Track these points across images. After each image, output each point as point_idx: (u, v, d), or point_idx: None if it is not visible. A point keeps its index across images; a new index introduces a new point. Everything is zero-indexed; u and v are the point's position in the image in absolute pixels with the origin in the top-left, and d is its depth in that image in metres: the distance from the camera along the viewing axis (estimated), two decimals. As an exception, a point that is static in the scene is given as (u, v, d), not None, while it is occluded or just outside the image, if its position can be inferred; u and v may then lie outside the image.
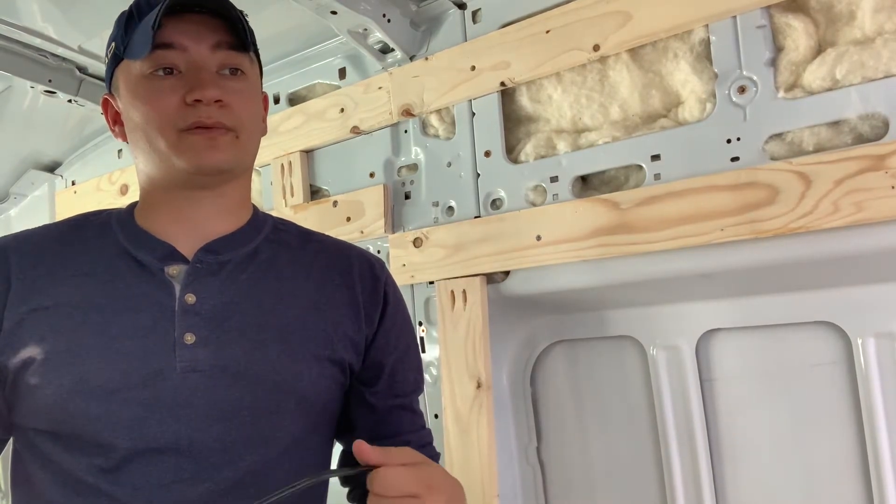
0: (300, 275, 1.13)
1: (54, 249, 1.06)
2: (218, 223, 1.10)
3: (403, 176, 1.85)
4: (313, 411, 1.10)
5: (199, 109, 1.00)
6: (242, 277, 1.08)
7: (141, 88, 1.02)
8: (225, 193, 1.10)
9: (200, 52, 1.03)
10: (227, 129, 1.02)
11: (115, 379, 0.97)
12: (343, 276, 1.17)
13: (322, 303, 1.13)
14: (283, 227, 1.20)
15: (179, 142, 1.01)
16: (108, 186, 2.53)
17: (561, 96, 1.62)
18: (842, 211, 1.24)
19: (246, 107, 1.06)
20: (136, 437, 0.97)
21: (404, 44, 1.80)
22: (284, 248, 1.15)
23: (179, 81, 1.01)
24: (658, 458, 1.63)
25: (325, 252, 1.19)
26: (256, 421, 1.04)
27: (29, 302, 1.00)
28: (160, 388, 0.98)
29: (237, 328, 1.04)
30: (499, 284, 1.68)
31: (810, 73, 1.32)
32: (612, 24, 1.50)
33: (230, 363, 1.02)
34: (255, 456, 1.03)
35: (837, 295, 1.41)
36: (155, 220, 1.08)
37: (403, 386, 1.21)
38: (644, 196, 1.45)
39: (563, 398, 1.78)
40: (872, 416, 1.38)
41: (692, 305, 1.57)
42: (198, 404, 0.99)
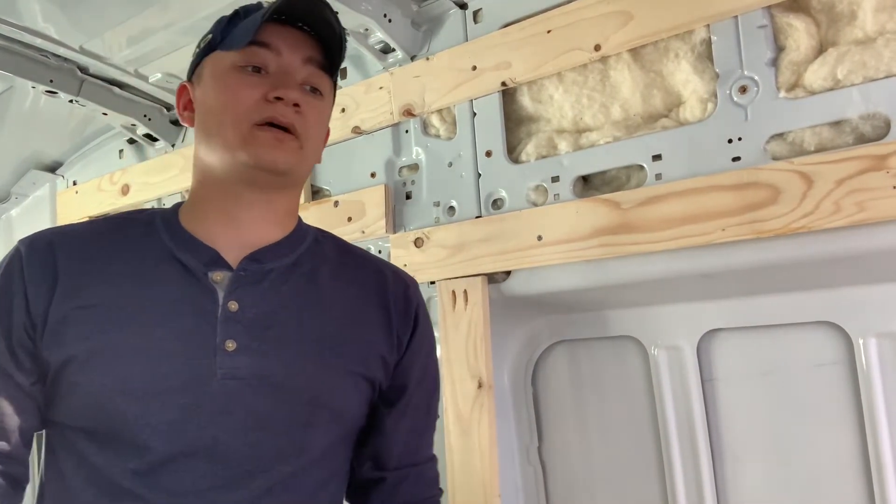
0: (338, 289, 1.14)
1: (100, 247, 1.06)
2: (264, 231, 1.10)
3: (404, 176, 1.85)
4: (344, 424, 1.13)
5: (277, 107, 1.03)
6: (284, 288, 1.09)
7: (228, 78, 1.05)
8: (274, 201, 1.11)
9: (292, 60, 1.06)
10: (295, 135, 1.04)
11: (155, 381, 0.98)
12: (379, 296, 1.18)
13: (358, 320, 1.14)
14: (324, 238, 1.21)
15: (249, 135, 1.02)
16: (110, 186, 2.53)
17: (562, 96, 1.62)
18: (843, 211, 1.24)
19: (317, 123, 1.10)
20: (172, 441, 0.98)
21: (405, 44, 1.80)
22: (324, 261, 1.16)
23: (265, 80, 1.04)
24: (659, 457, 1.63)
25: (362, 268, 1.21)
26: (291, 431, 1.05)
27: (74, 299, 1.00)
28: (199, 394, 0.99)
29: (277, 338, 1.05)
30: (500, 284, 1.68)
31: (812, 73, 1.32)
32: (613, 24, 1.49)
33: (269, 373, 1.03)
34: (288, 465, 1.05)
35: (839, 295, 1.41)
36: (201, 222, 1.09)
37: (416, 412, 1.22)
38: (645, 196, 1.45)
39: (565, 398, 1.78)
40: (874, 416, 1.37)
41: (693, 305, 1.57)
42: (235, 411, 1.00)
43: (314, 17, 1.06)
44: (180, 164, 2.31)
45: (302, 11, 1.05)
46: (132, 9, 1.82)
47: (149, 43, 1.98)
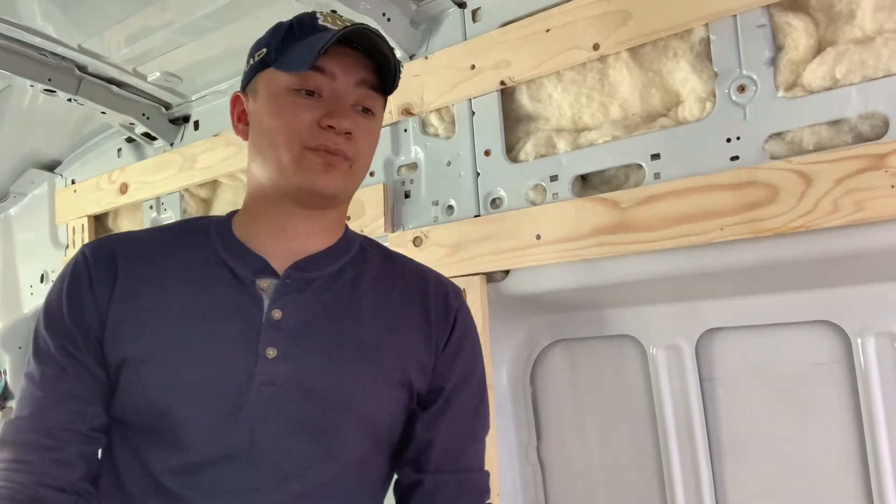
0: (380, 296, 1.17)
1: (156, 253, 1.11)
2: (312, 241, 1.14)
3: (403, 175, 1.85)
4: (379, 432, 1.14)
5: (329, 135, 1.05)
6: (326, 297, 1.12)
7: (283, 100, 1.07)
8: (324, 215, 1.14)
9: (346, 84, 1.08)
10: (346, 158, 1.07)
11: (200, 385, 1.02)
12: (419, 300, 1.20)
13: (398, 326, 1.16)
14: (370, 247, 1.24)
15: (302, 158, 1.05)
16: (108, 185, 2.53)
17: (561, 95, 1.62)
18: (842, 210, 1.24)
19: (368, 144, 1.13)
20: (213, 443, 1.01)
21: (404, 43, 1.80)
22: (368, 269, 1.19)
23: (318, 104, 1.07)
24: (658, 456, 1.63)
25: (404, 276, 1.23)
26: (325, 437, 1.07)
27: (131, 301, 1.05)
28: (239, 399, 1.02)
29: (314, 346, 1.07)
30: (498, 283, 1.68)
31: (810, 73, 1.32)
32: (612, 23, 1.50)
33: (305, 379, 1.05)
34: (323, 471, 1.07)
35: (837, 294, 1.41)
36: (253, 231, 1.13)
37: (458, 416, 1.21)
38: (644, 195, 1.45)
39: (563, 397, 1.78)
40: (872, 416, 1.38)
41: (692, 305, 1.57)
42: (272, 417, 1.03)
43: (368, 41, 1.08)
44: (178, 163, 2.31)
45: (358, 36, 1.08)
46: (131, 8, 1.82)
47: (147, 42, 1.98)
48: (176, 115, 2.39)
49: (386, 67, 1.11)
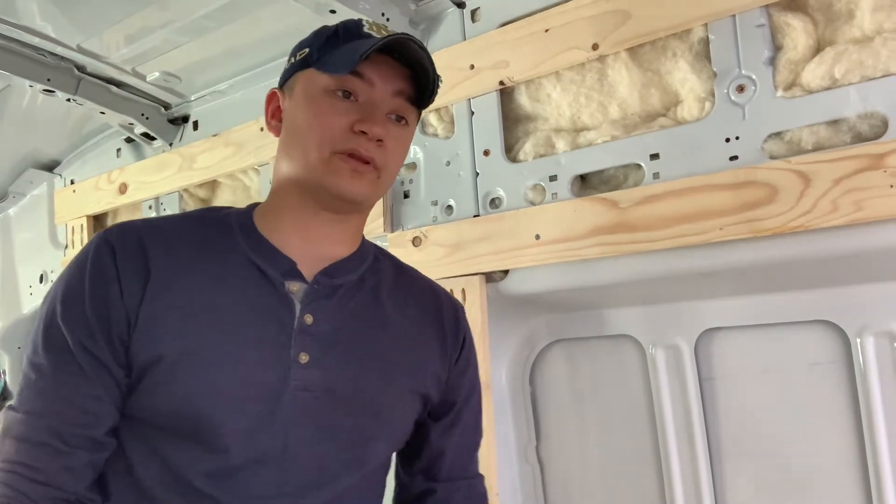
0: (399, 308, 1.18)
1: (183, 245, 1.07)
2: (335, 247, 1.13)
3: (402, 175, 1.85)
4: (398, 439, 1.18)
5: (361, 141, 1.04)
6: (351, 304, 1.12)
7: (320, 101, 1.06)
8: (349, 221, 1.14)
9: (384, 92, 1.07)
10: (374, 168, 1.06)
11: (238, 388, 1.00)
12: (434, 316, 1.22)
13: (417, 339, 1.18)
14: (382, 257, 1.24)
15: (331, 160, 1.04)
16: (107, 185, 2.53)
17: (560, 95, 1.62)
18: (840, 210, 1.24)
19: (398, 153, 1.12)
20: (247, 447, 1.01)
21: (404, 43, 1.79)
22: (384, 279, 1.19)
23: (353, 108, 1.06)
24: (657, 456, 1.63)
25: (417, 289, 1.24)
26: (355, 444, 1.09)
27: (164, 297, 1.01)
28: (274, 403, 1.02)
29: (345, 353, 1.08)
30: (498, 283, 1.68)
31: (809, 72, 1.32)
32: (611, 23, 1.50)
33: (337, 387, 1.06)
34: (351, 477, 1.09)
35: (836, 294, 1.41)
36: (277, 230, 1.11)
37: (465, 428, 1.26)
38: (643, 195, 1.45)
39: (563, 397, 1.78)
40: (871, 415, 1.38)
41: (691, 304, 1.57)
42: (306, 423, 1.04)
43: (409, 52, 1.07)
44: (178, 163, 2.31)
45: (401, 46, 1.06)
46: (130, 7, 1.82)
47: (147, 42, 1.98)
48: (175, 115, 2.39)
49: (424, 80, 1.10)
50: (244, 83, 2.18)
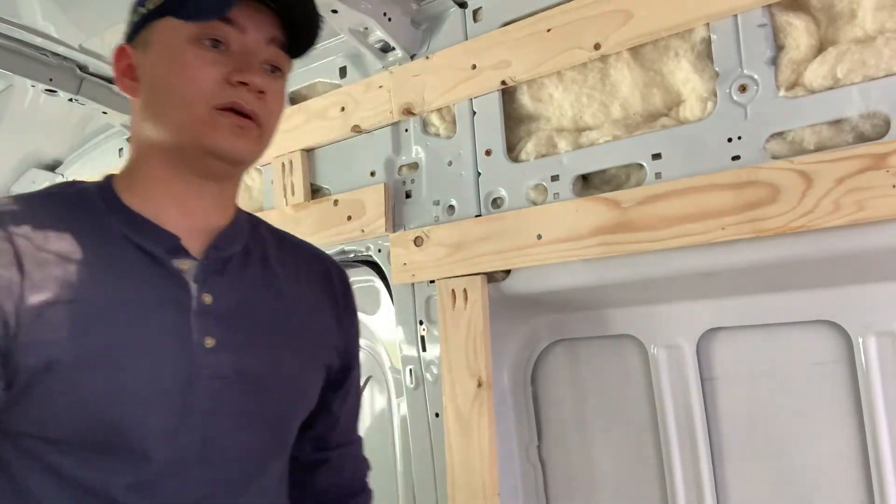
0: (291, 277, 1.12)
1: (51, 229, 0.93)
2: (215, 216, 1.05)
3: (404, 175, 1.85)
4: (307, 412, 1.13)
5: (241, 93, 0.96)
6: (245, 277, 1.05)
7: (185, 53, 0.95)
8: (227, 186, 1.06)
9: (257, 40, 0.99)
10: (257, 123, 0.98)
11: (150, 385, 0.91)
12: (325, 283, 1.18)
13: (314, 309, 1.14)
14: (256, 222, 1.15)
15: (209, 119, 0.95)
16: (109, 185, 2.52)
17: (562, 95, 1.62)
18: (843, 210, 1.24)
19: (276, 107, 1.04)
20: (169, 449, 0.92)
21: (405, 42, 1.80)
22: (267, 246, 1.12)
23: (225, 58, 0.96)
24: (659, 456, 1.63)
25: (303, 256, 1.19)
26: (276, 426, 1.05)
27: (45, 291, 0.87)
28: (189, 395, 0.94)
29: (250, 332, 1.02)
30: (500, 283, 1.68)
31: (811, 72, 1.32)
32: (613, 23, 1.49)
33: (250, 369, 1.00)
34: (277, 463, 1.06)
35: (838, 294, 1.41)
36: (152, 204, 0.99)
37: (354, 393, 1.26)
38: (645, 195, 1.45)
39: (564, 397, 1.78)
40: (873, 415, 1.38)
41: (693, 304, 1.57)
42: (224, 413, 0.97)
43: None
44: (180, 163, 2.31)
45: None
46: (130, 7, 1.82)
47: (148, 42, 1.98)
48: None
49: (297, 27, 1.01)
50: (245, 83, 2.18)
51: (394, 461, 2.01)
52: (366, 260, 1.94)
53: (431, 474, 1.78)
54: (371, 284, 2.00)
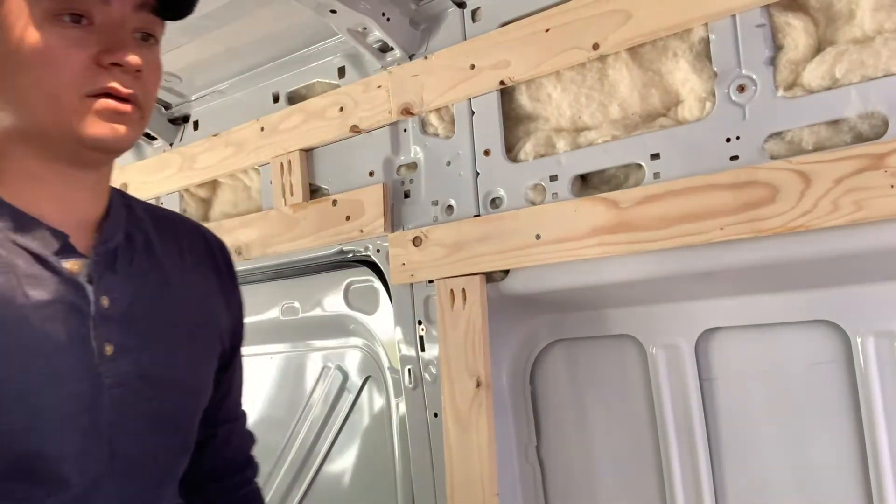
0: (176, 261, 1.06)
1: None
2: (94, 206, 0.97)
3: (403, 175, 1.85)
4: (206, 405, 1.10)
5: (115, 75, 0.86)
6: (133, 270, 0.98)
7: (43, 31, 0.84)
8: (103, 172, 0.97)
9: (123, 8, 0.88)
10: (137, 105, 0.89)
11: (60, 407, 0.86)
12: (209, 261, 1.13)
13: (204, 292, 1.09)
14: (128, 202, 1.06)
15: (83, 108, 0.85)
16: (108, 185, 2.52)
17: (560, 95, 1.62)
18: (841, 210, 1.24)
19: (155, 81, 0.94)
20: (85, 469, 0.89)
21: (404, 42, 1.80)
22: (146, 229, 1.04)
23: (91, 36, 0.86)
24: (657, 456, 1.63)
25: (183, 233, 1.12)
26: (181, 427, 1.02)
27: None
28: (95, 410, 0.89)
29: (147, 332, 0.96)
30: (498, 283, 1.68)
31: (810, 72, 1.32)
32: (611, 23, 1.49)
33: (150, 373, 0.95)
34: (183, 459, 1.04)
35: (837, 294, 1.41)
36: (27, 198, 0.90)
37: (239, 368, 1.22)
38: (644, 195, 1.45)
39: (563, 397, 1.78)
40: (872, 415, 1.37)
41: (692, 304, 1.57)
42: (130, 420, 0.93)
43: None
44: (178, 163, 2.31)
45: None
46: (130, 7, 1.82)
47: (147, 41, 1.98)
48: (175, 114, 2.38)
49: None
50: (245, 83, 2.18)
51: (392, 461, 2.01)
52: (364, 260, 1.94)
53: (430, 474, 1.78)
54: (370, 284, 2.00)
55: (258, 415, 2.37)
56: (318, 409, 2.21)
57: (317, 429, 2.21)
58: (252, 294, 2.21)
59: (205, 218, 2.34)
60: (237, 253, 2.11)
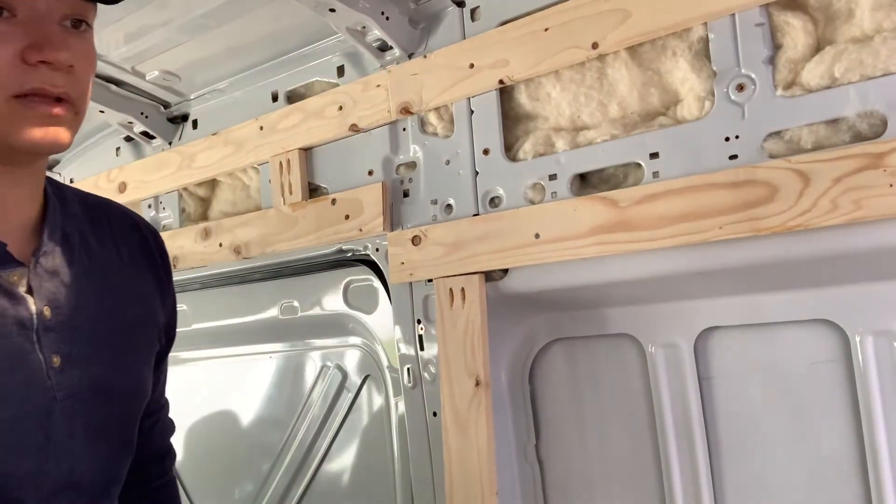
0: (112, 255, 1.03)
1: None
2: (31, 205, 0.93)
3: (402, 174, 1.85)
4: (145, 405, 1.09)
5: (44, 74, 0.81)
6: (72, 273, 0.94)
7: None
8: (39, 171, 0.93)
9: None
10: (70, 103, 0.84)
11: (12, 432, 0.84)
12: (144, 252, 1.09)
13: (141, 293, 1.06)
14: (62, 194, 1.02)
15: (10, 111, 0.80)
16: (107, 184, 2.52)
17: (560, 94, 1.62)
18: (840, 209, 1.24)
19: (89, 70, 0.89)
20: (40, 486, 0.87)
21: (403, 41, 1.80)
22: (82, 223, 1.01)
23: (15, 30, 0.80)
24: (656, 455, 1.63)
25: (116, 223, 1.08)
26: (125, 431, 1.01)
27: None
28: (48, 426, 0.88)
29: (90, 339, 0.94)
30: (497, 282, 1.68)
31: (809, 71, 1.32)
32: (610, 22, 1.49)
33: (97, 381, 0.94)
34: (128, 460, 1.03)
35: (836, 293, 1.41)
36: None
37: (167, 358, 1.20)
38: (643, 194, 1.45)
39: (562, 396, 1.78)
40: (870, 414, 1.38)
41: (690, 303, 1.57)
42: (80, 431, 0.91)
43: None
44: (177, 162, 2.31)
45: None
46: (130, 6, 1.81)
47: (146, 40, 1.98)
48: (174, 113, 2.38)
49: None
50: (244, 82, 2.18)
51: (392, 460, 2.01)
52: (363, 259, 1.94)
53: (429, 473, 1.78)
54: (369, 283, 2.00)
55: (257, 414, 2.37)
56: (317, 409, 2.21)
57: (316, 428, 2.21)
58: (251, 293, 2.24)
59: (204, 217, 2.34)
60: (236, 252, 2.11)
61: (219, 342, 2.44)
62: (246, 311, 2.28)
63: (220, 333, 2.38)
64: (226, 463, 2.46)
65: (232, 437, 2.43)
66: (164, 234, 2.31)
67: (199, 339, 2.43)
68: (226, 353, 2.46)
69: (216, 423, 2.48)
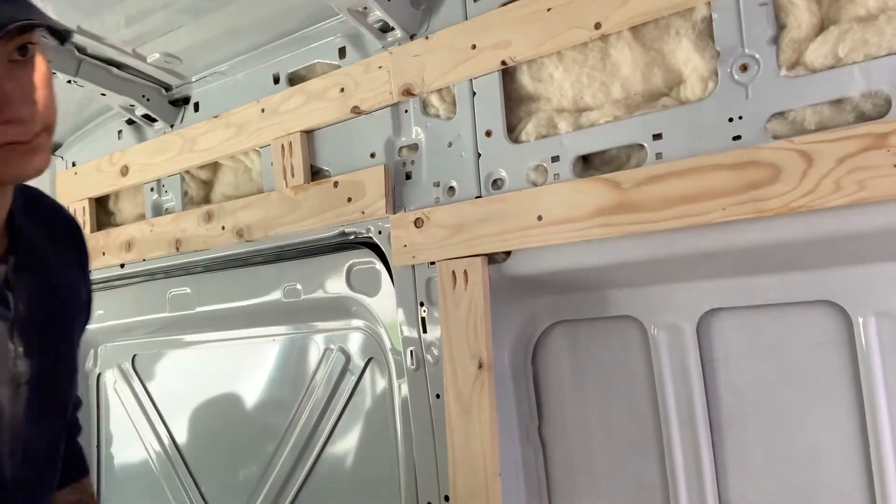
0: (51, 250, 1.06)
1: None
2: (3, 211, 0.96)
3: (404, 156, 1.85)
4: None
5: (11, 130, 0.81)
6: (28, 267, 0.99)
7: None
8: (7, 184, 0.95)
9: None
10: (44, 129, 0.86)
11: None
12: (72, 245, 1.14)
13: (74, 285, 1.12)
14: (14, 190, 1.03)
15: None
16: (109, 167, 2.52)
17: (562, 75, 1.62)
18: (844, 189, 1.24)
19: (50, 90, 0.88)
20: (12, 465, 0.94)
21: (404, 22, 1.79)
22: (27, 217, 1.03)
23: None
24: (659, 437, 1.64)
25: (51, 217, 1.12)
26: (63, 416, 1.07)
27: None
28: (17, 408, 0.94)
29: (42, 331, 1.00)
30: (500, 265, 1.68)
31: (813, 51, 1.31)
32: (613, 2, 1.48)
33: (49, 370, 1.00)
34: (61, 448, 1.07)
35: (838, 274, 1.41)
36: None
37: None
38: (645, 175, 1.45)
39: (565, 378, 1.78)
40: (873, 395, 1.38)
41: (693, 285, 1.57)
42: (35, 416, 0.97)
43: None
44: (179, 145, 2.31)
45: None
46: (130, -11, 1.81)
47: (147, 23, 1.97)
48: (176, 96, 2.38)
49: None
50: (245, 64, 2.17)
51: (395, 442, 2.02)
52: (366, 242, 1.94)
53: (433, 455, 1.79)
54: (371, 266, 2.00)
55: (261, 396, 2.38)
56: (320, 391, 2.22)
57: (319, 410, 2.22)
58: (254, 276, 2.24)
59: (206, 200, 2.34)
60: (239, 235, 2.12)
61: (222, 325, 2.44)
62: (249, 295, 2.28)
63: (223, 316, 2.39)
64: (230, 445, 2.47)
65: (236, 419, 2.44)
66: (166, 217, 2.34)
67: (203, 322, 2.44)
68: (229, 337, 2.46)
69: (220, 405, 2.49)
